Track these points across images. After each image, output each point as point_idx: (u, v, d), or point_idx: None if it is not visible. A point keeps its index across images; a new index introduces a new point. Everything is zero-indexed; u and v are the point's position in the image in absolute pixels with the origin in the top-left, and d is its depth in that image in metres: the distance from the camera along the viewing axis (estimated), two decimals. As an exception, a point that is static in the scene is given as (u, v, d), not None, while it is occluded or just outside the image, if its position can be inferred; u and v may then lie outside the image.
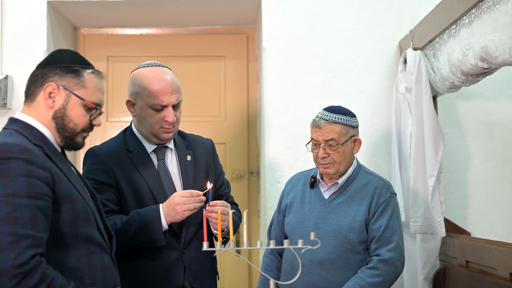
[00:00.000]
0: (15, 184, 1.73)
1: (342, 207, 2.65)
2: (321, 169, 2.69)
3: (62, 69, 1.93)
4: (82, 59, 1.99)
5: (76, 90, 1.93)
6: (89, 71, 1.97)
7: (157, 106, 2.42)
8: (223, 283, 4.15)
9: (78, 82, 1.93)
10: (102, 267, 1.92)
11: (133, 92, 2.47)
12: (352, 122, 2.67)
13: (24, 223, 1.70)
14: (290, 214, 2.74)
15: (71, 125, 1.93)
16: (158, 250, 2.41)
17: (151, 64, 2.51)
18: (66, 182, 1.86)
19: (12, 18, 3.75)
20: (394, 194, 2.69)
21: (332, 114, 2.65)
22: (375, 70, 3.76)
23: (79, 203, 1.87)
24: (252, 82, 4.27)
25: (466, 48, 2.81)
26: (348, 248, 2.61)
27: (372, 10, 3.78)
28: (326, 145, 2.63)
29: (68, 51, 1.99)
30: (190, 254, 2.46)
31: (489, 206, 3.84)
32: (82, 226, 1.87)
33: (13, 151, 1.76)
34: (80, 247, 1.86)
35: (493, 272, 2.71)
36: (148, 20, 4.19)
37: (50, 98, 1.91)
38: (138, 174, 2.45)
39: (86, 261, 1.87)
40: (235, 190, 4.16)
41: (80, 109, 1.93)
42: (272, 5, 3.79)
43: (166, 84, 2.43)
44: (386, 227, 2.60)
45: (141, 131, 2.50)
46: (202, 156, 2.61)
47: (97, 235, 1.92)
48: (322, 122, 2.64)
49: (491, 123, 3.87)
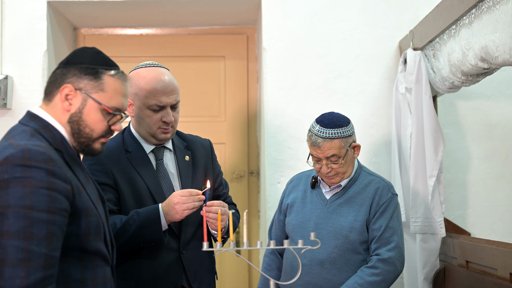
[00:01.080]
0: (35, 196, 1.63)
1: (343, 207, 2.66)
2: (326, 180, 2.68)
3: (80, 70, 1.81)
4: (105, 59, 1.87)
5: (94, 93, 1.80)
6: (111, 73, 1.85)
7: (155, 106, 2.42)
8: (223, 283, 4.15)
9: (97, 84, 1.81)
10: (104, 281, 1.85)
11: (131, 92, 2.46)
12: (349, 132, 2.63)
13: (39, 240, 1.62)
14: (291, 214, 2.74)
15: (87, 130, 1.81)
16: (157, 250, 2.41)
17: (149, 64, 2.50)
18: (84, 194, 1.77)
19: (12, 18, 3.75)
20: (395, 195, 2.70)
21: (328, 130, 2.60)
22: (375, 70, 3.76)
23: (93, 216, 1.79)
24: (252, 82, 4.27)
25: (466, 48, 2.81)
26: (349, 248, 2.61)
27: (372, 10, 3.78)
28: (328, 161, 2.62)
29: (91, 50, 1.87)
30: (188, 254, 2.46)
31: (489, 206, 3.84)
32: (93, 240, 1.79)
33: (36, 159, 1.65)
34: (86, 260, 1.79)
35: (493, 272, 2.71)
36: (148, 20, 4.19)
37: (67, 100, 1.80)
38: (136, 174, 2.44)
39: (91, 274, 1.80)
40: (235, 190, 4.16)
41: (97, 114, 1.81)
42: (272, 5, 3.79)
43: (164, 85, 2.43)
44: (386, 227, 2.61)
45: (139, 131, 2.50)
46: (201, 156, 2.61)
47: (103, 248, 1.85)
48: (320, 141, 2.60)
49: (491, 123, 3.87)
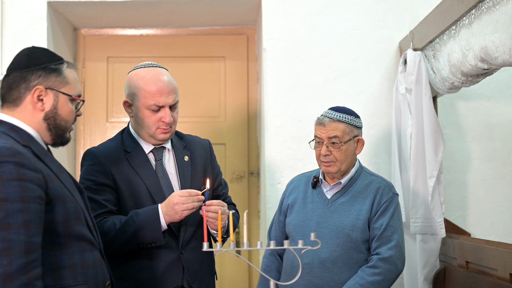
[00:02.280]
0: (7, 188, 1.72)
1: (345, 206, 2.66)
2: (323, 167, 2.70)
3: (44, 70, 1.93)
4: (55, 55, 1.99)
5: (62, 88, 1.94)
6: (66, 66, 1.98)
7: (154, 107, 2.43)
8: (223, 283, 4.15)
9: (62, 79, 1.94)
10: (94, 264, 1.93)
11: (130, 93, 2.47)
12: (356, 122, 2.71)
13: (16, 228, 1.70)
14: (292, 214, 2.74)
15: (63, 122, 1.95)
16: (157, 250, 2.41)
17: (148, 64, 2.51)
18: (57, 182, 1.86)
19: (12, 18, 3.76)
20: (396, 194, 2.71)
21: (337, 113, 2.69)
22: (375, 71, 3.76)
23: (71, 202, 1.88)
24: (252, 82, 4.27)
25: (466, 48, 2.81)
26: (351, 247, 2.61)
27: (372, 11, 3.78)
28: (329, 143, 2.65)
29: (40, 49, 1.98)
30: (188, 254, 2.46)
31: (489, 207, 3.84)
32: (74, 225, 1.88)
33: (3, 154, 1.75)
34: (73, 246, 1.88)
35: (493, 272, 2.71)
36: (148, 20, 4.19)
37: (40, 101, 1.91)
38: (136, 174, 2.45)
39: (79, 259, 1.88)
40: (235, 191, 4.16)
41: (69, 105, 1.96)
42: (272, 6, 3.79)
43: (162, 85, 2.43)
44: (387, 226, 2.61)
45: (138, 131, 2.50)
46: (200, 156, 2.61)
47: (87, 232, 1.93)
48: (326, 120, 2.67)
49: (491, 124, 3.87)
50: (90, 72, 4.23)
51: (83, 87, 4.22)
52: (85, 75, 4.23)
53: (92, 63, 4.23)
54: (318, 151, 2.69)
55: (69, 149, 4.13)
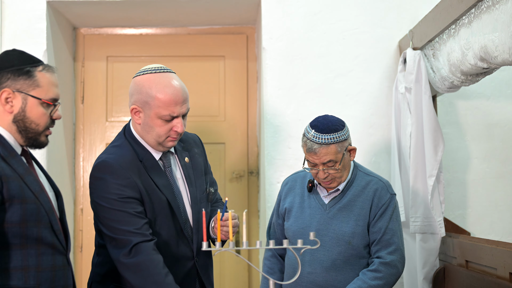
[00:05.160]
0: None
1: (343, 212, 2.64)
2: (323, 185, 2.66)
3: (13, 73, 1.92)
4: (31, 58, 1.98)
5: (31, 91, 1.93)
6: (40, 69, 1.96)
7: (168, 117, 2.31)
8: (223, 283, 4.15)
9: (32, 82, 1.93)
10: (52, 268, 1.91)
11: (140, 100, 2.33)
12: (344, 136, 2.59)
13: None
14: (290, 220, 2.71)
15: (33, 125, 1.94)
16: (174, 261, 2.36)
17: (157, 69, 2.37)
18: (17, 183, 1.85)
19: (12, 18, 3.75)
20: (393, 194, 2.69)
21: (324, 135, 2.56)
22: (374, 70, 3.76)
23: (31, 203, 1.87)
24: (252, 82, 4.27)
25: (465, 48, 2.81)
26: (353, 254, 2.60)
27: (371, 10, 3.78)
28: (325, 167, 2.58)
29: (15, 52, 1.98)
30: (201, 261, 2.44)
31: (489, 206, 3.84)
32: (33, 227, 1.87)
33: None
34: (30, 248, 1.86)
35: (493, 272, 2.71)
36: (148, 20, 4.19)
37: (8, 103, 1.92)
38: (154, 185, 2.35)
39: (34, 262, 1.87)
40: (235, 190, 4.16)
41: (39, 109, 1.95)
42: (272, 5, 3.79)
43: (177, 95, 2.31)
44: (386, 229, 2.60)
45: (144, 138, 2.39)
46: (197, 155, 2.57)
47: (49, 236, 1.91)
48: (316, 147, 2.56)
49: (491, 123, 3.87)
50: (90, 71, 4.23)
51: (83, 87, 4.21)
52: (84, 75, 4.23)
53: (92, 63, 4.23)
54: (315, 173, 2.61)
55: (69, 148, 4.12)
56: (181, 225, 2.37)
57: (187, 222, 2.41)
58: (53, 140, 3.83)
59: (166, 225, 2.35)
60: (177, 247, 2.37)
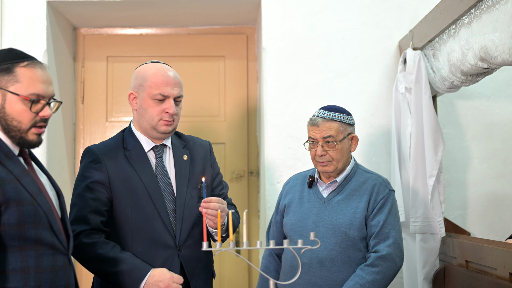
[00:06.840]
0: None
1: (341, 204, 2.66)
2: (319, 167, 2.69)
3: None
4: (17, 54, 1.93)
5: (10, 86, 1.88)
6: (23, 64, 1.91)
7: (159, 96, 2.47)
8: (223, 283, 4.15)
9: (11, 78, 1.88)
10: (52, 269, 1.90)
11: (136, 84, 2.52)
12: (349, 120, 2.70)
13: None
14: (289, 214, 2.74)
15: (15, 123, 1.89)
16: (155, 248, 2.43)
17: (155, 62, 2.59)
18: (13, 185, 1.83)
19: (12, 18, 3.75)
20: (392, 190, 2.71)
21: (329, 112, 2.69)
22: (374, 70, 3.76)
23: (28, 205, 1.85)
24: (252, 82, 4.27)
25: (465, 48, 2.81)
26: (349, 245, 2.61)
27: (371, 10, 3.78)
28: (324, 143, 2.65)
29: (3, 50, 1.95)
30: (186, 252, 2.48)
31: (489, 206, 3.84)
32: (31, 229, 1.85)
33: None
34: (29, 249, 1.85)
35: (493, 272, 2.71)
36: (148, 20, 4.19)
37: None
38: (134, 172, 2.48)
39: (33, 263, 1.85)
40: (235, 190, 4.16)
41: (19, 105, 1.89)
42: (272, 5, 3.79)
43: (168, 76, 2.50)
44: (384, 223, 2.61)
45: (141, 124, 2.53)
46: (199, 156, 2.63)
47: (48, 236, 1.89)
48: (319, 120, 2.67)
49: (491, 123, 3.87)
50: (90, 71, 4.23)
51: (83, 87, 4.22)
52: (84, 75, 4.23)
53: (92, 63, 4.23)
54: (314, 152, 2.69)
55: (69, 148, 4.13)
56: (159, 212, 2.45)
57: (170, 212, 2.48)
58: (53, 140, 3.83)
59: (143, 210, 2.45)
60: (154, 233, 2.44)
